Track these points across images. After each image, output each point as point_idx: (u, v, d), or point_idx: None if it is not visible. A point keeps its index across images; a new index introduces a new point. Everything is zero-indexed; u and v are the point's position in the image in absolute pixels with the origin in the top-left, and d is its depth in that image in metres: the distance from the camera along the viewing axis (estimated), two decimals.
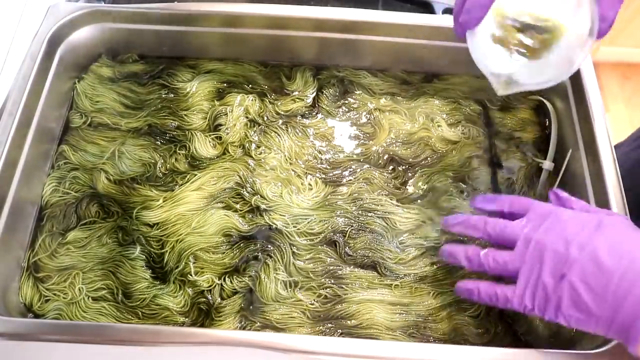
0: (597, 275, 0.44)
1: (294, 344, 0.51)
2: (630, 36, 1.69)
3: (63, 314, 0.59)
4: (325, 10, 0.71)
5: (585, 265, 0.44)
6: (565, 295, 0.45)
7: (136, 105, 0.73)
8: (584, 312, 0.44)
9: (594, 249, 0.44)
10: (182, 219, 0.64)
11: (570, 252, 0.45)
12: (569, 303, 0.45)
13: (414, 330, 0.59)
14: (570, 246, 0.45)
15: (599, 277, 0.43)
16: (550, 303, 0.46)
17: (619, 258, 0.43)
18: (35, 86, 0.65)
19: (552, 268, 0.46)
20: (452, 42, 0.72)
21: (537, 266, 0.47)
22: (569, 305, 0.45)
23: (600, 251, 0.44)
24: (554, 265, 0.46)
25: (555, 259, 0.46)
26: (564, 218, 0.48)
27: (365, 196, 0.66)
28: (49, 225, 0.64)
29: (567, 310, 0.45)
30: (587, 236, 0.45)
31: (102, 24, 0.72)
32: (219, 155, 0.69)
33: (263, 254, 0.62)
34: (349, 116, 0.73)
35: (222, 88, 0.75)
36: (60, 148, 0.69)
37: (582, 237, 0.45)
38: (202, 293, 0.61)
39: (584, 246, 0.45)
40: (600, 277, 0.43)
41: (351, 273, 0.62)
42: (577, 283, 0.44)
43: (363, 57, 0.75)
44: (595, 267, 0.44)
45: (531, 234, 0.48)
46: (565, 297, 0.45)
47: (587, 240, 0.45)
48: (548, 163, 0.68)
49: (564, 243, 0.46)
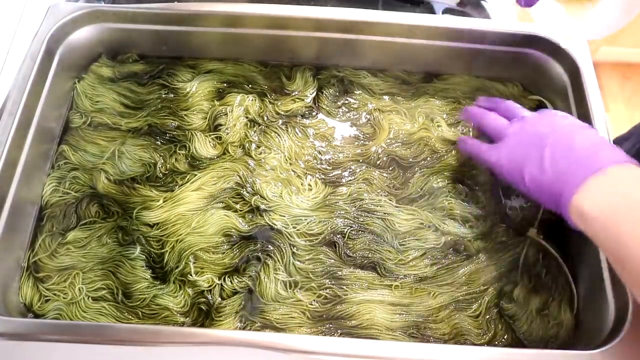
0: (564, 147, 0.52)
1: (294, 344, 0.51)
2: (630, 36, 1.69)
3: (63, 314, 0.59)
4: (325, 10, 0.71)
5: (560, 140, 0.53)
6: (534, 156, 0.54)
7: (136, 105, 0.73)
8: (540, 172, 0.53)
9: (573, 134, 0.53)
10: (182, 219, 0.64)
11: (553, 132, 0.54)
12: (533, 163, 0.54)
13: (414, 331, 0.59)
14: (554, 129, 0.54)
15: (565, 149, 0.52)
16: (520, 162, 0.55)
17: (590, 143, 0.51)
18: (35, 86, 0.65)
19: (533, 139, 0.55)
20: (452, 42, 0.72)
21: (521, 136, 0.57)
22: (532, 165, 0.54)
23: (577, 136, 0.53)
24: (536, 137, 0.55)
25: (539, 134, 0.55)
26: (555, 116, 0.58)
27: (365, 197, 0.66)
28: (49, 225, 0.64)
29: (529, 169, 0.54)
30: (571, 128, 0.54)
31: (102, 24, 0.72)
32: (219, 155, 0.69)
33: (263, 254, 0.62)
34: (349, 116, 0.73)
35: (222, 88, 0.75)
36: (60, 148, 0.69)
37: (567, 128, 0.54)
38: (202, 293, 0.61)
39: (565, 132, 0.54)
40: (566, 149, 0.52)
41: (351, 274, 0.62)
42: (547, 149, 0.53)
43: (363, 57, 0.75)
44: (567, 142, 0.52)
45: (528, 120, 0.59)
46: (533, 157, 0.54)
47: (571, 130, 0.54)
48: None
49: (550, 127, 0.55)
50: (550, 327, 0.59)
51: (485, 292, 0.61)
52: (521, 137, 0.57)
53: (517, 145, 0.57)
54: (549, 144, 0.53)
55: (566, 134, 0.54)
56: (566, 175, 0.50)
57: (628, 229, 0.43)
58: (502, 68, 0.75)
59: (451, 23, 0.72)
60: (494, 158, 0.59)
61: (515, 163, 0.56)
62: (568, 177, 0.50)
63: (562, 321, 0.59)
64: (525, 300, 0.60)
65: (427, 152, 0.70)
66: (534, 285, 0.61)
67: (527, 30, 0.71)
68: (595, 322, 0.57)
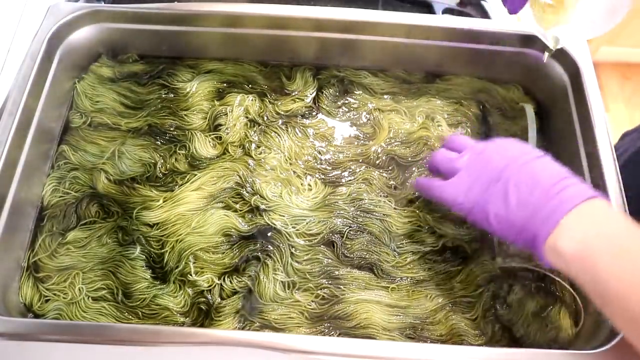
0: (528, 183, 0.49)
1: (293, 343, 0.51)
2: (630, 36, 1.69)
3: (63, 314, 0.59)
4: (325, 10, 0.71)
5: (521, 175, 0.50)
6: (496, 194, 0.50)
7: (136, 105, 0.73)
8: (507, 211, 0.50)
9: (533, 167, 0.51)
10: (182, 219, 0.64)
11: (510, 165, 0.51)
12: (497, 201, 0.50)
13: (411, 332, 0.59)
14: (510, 162, 0.51)
15: (529, 185, 0.49)
16: (481, 198, 0.52)
17: (554, 178, 0.49)
18: (35, 86, 0.65)
19: (490, 172, 0.52)
20: (452, 42, 0.72)
21: (477, 169, 0.53)
22: (495, 203, 0.50)
23: (537, 169, 0.50)
24: (494, 171, 0.52)
25: (495, 168, 0.52)
26: (507, 145, 0.55)
27: (365, 197, 0.67)
28: (49, 225, 0.64)
29: (493, 208, 0.50)
30: (527, 159, 0.51)
31: (102, 24, 0.72)
32: (219, 155, 0.69)
33: (262, 254, 0.63)
34: (349, 116, 0.74)
35: (222, 88, 0.75)
36: (60, 148, 0.69)
37: (523, 159, 0.51)
38: (202, 293, 0.61)
39: (523, 163, 0.51)
40: (530, 185, 0.49)
41: (348, 274, 0.62)
42: (510, 186, 0.50)
43: (363, 57, 0.75)
44: (530, 177, 0.50)
45: (479, 149, 0.55)
46: (496, 195, 0.50)
47: (528, 160, 0.51)
48: None
49: (505, 159, 0.52)
50: (549, 330, 0.59)
51: (482, 294, 0.61)
52: (476, 169, 0.53)
53: (474, 180, 0.53)
54: (510, 178, 0.50)
55: (525, 166, 0.51)
56: (538, 214, 0.47)
57: (605, 265, 0.43)
58: (501, 68, 0.75)
59: (451, 23, 0.72)
60: (449, 195, 0.54)
61: (475, 200, 0.52)
62: (540, 216, 0.47)
63: (560, 325, 0.59)
64: (521, 304, 0.60)
65: (427, 151, 0.70)
66: (530, 288, 0.61)
67: (527, 30, 0.71)
68: (594, 322, 0.57)
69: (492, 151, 0.54)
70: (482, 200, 0.51)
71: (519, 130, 0.72)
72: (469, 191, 0.53)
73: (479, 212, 0.52)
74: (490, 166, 0.52)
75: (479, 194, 0.52)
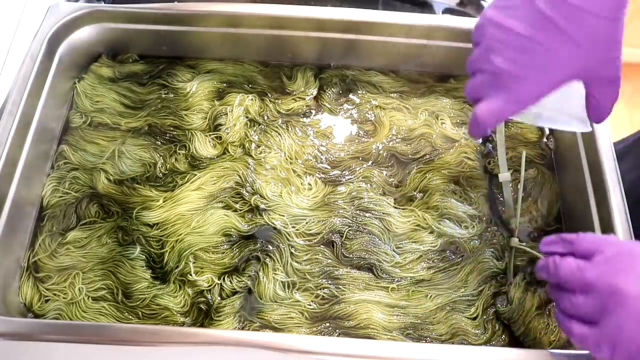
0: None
1: (293, 343, 0.51)
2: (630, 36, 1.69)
3: (63, 314, 0.59)
4: (325, 10, 0.71)
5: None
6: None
7: (136, 105, 0.73)
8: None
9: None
10: (182, 219, 0.64)
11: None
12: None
13: (412, 331, 0.59)
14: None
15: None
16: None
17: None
18: (35, 86, 0.65)
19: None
20: (453, 42, 0.72)
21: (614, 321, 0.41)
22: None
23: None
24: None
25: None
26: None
27: (364, 195, 0.66)
28: (49, 226, 0.64)
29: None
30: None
31: (102, 24, 0.72)
32: (219, 155, 0.69)
33: (262, 254, 0.63)
34: (350, 114, 0.74)
35: (222, 88, 0.75)
36: (60, 148, 0.69)
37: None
38: (201, 293, 0.61)
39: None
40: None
41: (347, 274, 0.62)
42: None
43: (362, 57, 0.75)
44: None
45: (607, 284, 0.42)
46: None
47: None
48: (503, 175, 0.63)
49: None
50: (550, 328, 0.59)
51: (481, 293, 0.61)
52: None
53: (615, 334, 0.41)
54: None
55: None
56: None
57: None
58: None
59: (451, 23, 0.72)
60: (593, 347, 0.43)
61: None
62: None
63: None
64: (521, 302, 0.60)
65: (428, 148, 0.70)
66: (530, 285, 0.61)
67: None
68: None
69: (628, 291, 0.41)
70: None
71: (522, 139, 0.72)
72: (615, 348, 0.41)
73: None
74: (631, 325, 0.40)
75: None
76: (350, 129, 0.73)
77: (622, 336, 0.40)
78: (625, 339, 0.40)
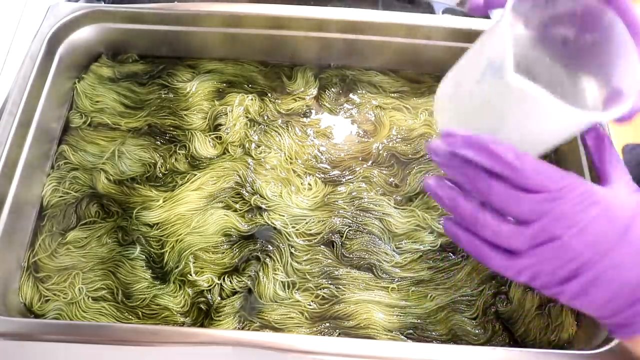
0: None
1: (293, 343, 0.51)
2: None
3: (63, 314, 0.59)
4: (325, 10, 0.71)
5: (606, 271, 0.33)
6: (573, 288, 0.34)
7: (136, 105, 0.73)
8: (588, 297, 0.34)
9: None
10: (182, 219, 0.64)
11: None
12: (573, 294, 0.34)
13: (412, 331, 0.59)
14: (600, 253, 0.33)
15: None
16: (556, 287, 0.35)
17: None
18: (35, 86, 0.65)
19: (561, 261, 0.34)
20: (453, 42, 0.72)
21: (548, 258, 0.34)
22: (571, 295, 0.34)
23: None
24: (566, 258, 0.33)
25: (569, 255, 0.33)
26: (593, 214, 0.33)
27: (364, 195, 0.66)
28: (49, 225, 0.64)
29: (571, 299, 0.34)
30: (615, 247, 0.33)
31: (102, 24, 0.72)
32: (218, 155, 0.69)
33: (262, 254, 0.63)
34: (350, 114, 0.74)
35: (222, 88, 0.75)
36: (60, 148, 0.69)
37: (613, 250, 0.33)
38: (201, 293, 0.61)
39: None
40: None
41: (347, 274, 0.62)
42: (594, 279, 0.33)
43: (363, 57, 0.75)
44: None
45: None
46: (572, 288, 0.34)
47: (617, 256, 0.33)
48: None
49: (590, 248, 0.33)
50: (550, 327, 0.59)
51: (481, 293, 0.61)
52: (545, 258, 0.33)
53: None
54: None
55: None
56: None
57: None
58: None
59: (451, 23, 0.72)
60: (501, 270, 0.35)
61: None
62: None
63: (562, 322, 0.59)
64: (521, 301, 0.60)
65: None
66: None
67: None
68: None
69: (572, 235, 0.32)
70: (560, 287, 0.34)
71: None
72: (537, 274, 0.34)
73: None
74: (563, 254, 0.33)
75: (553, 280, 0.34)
76: (350, 129, 0.73)
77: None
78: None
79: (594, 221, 0.33)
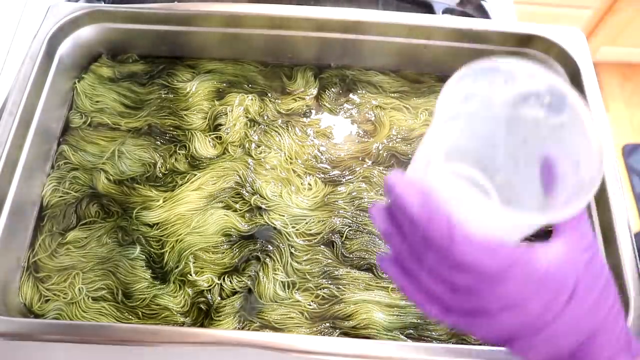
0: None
1: (293, 343, 0.51)
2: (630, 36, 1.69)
3: (63, 314, 0.59)
4: (325, 10, 0.71)
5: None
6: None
7: (136, 105, 0.73)
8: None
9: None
10: (182, 219, 0.64)
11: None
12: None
13: (412, 331, 0.59)
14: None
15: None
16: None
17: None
18: (35, 86, 0.65)
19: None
20: (453, 42, 0.72)
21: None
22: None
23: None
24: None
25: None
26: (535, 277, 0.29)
27: (364, 195, 0.67)
28: (49, 225, 0.64)
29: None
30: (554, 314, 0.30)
31: (102, 24, 0.72)
32: (218, 155, 0.69)
33: (262, 254, 0.63)
34: (350, 114, 0.74)
35: (222, 88, 0.75)
36: (60, 148, 0.69)
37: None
38: (201, 293, 0.61)
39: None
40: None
41: (347, 274, 0.62)
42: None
43: (363, 57, 0.75)
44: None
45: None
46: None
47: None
48: None
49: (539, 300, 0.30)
50: None
51: None
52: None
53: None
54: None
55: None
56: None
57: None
58: None
59: (451, 23, 0.72)
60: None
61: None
62: None
63: None
64: None
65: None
66: None
67: (527, 30, 0.71)
68: None
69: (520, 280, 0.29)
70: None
71: None
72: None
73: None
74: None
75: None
76: (350, 128, 0.73)
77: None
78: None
79: (531, 299, 0.30)
